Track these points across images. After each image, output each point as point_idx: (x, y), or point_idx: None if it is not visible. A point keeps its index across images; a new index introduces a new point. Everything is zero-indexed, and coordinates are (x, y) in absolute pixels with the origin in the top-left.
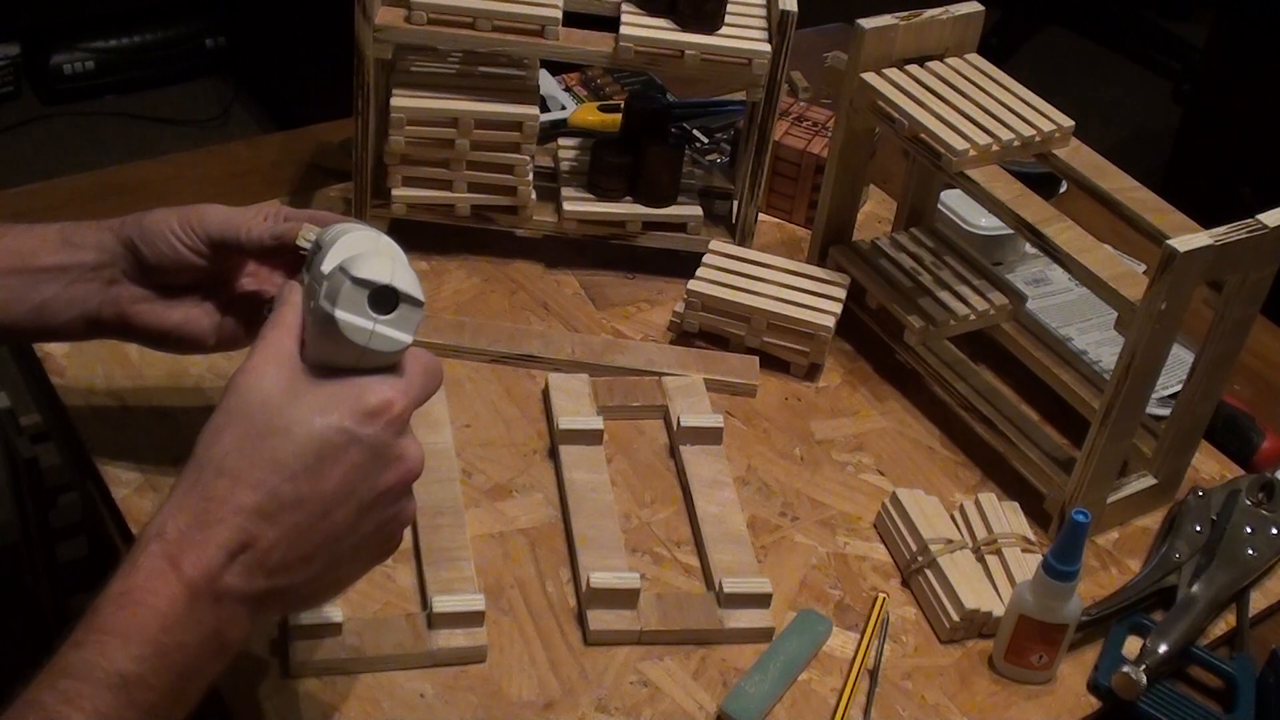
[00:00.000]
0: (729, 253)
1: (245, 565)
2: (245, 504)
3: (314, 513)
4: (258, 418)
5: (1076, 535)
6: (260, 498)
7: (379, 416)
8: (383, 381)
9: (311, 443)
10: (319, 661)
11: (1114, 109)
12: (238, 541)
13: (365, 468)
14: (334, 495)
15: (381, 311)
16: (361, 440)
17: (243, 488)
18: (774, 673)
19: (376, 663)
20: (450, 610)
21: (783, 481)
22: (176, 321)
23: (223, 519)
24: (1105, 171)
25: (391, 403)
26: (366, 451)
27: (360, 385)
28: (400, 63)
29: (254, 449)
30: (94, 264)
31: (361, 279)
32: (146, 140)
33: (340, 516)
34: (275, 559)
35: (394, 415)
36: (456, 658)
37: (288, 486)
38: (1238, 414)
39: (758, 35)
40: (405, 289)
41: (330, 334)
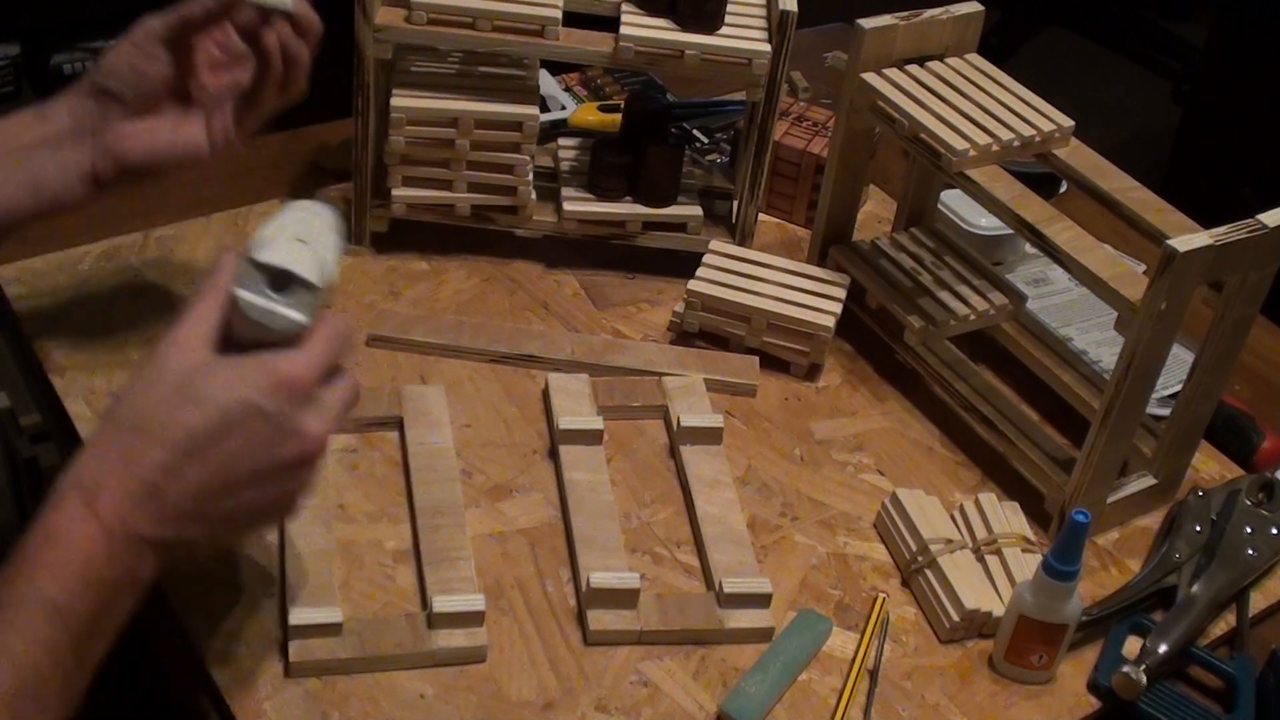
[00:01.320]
0: (729, 253)
1: (152, 514)
2: (155, 460)
3: (215, 473)
4: (175, 386)
5: (1076, 535)
6: (169, 455)
7: (282, 392)
8: (289, 358)
9: (219, 412)
10: (319, 661)
11: (1114, 109)
12: (146, 492)
13: (265, 438)
14: (235, 460)
15: (280, 293)
16: (265, 414)
17: (154, 445)
18: (774, 673)
19: (376, 663)
20: (450, 610)
21: (783, 481)
22: (168, 141)
23: (134, 471)
24: (1105, 171)
25: (296, 378)
26: (268, 424)
27: (268, 362)
28: (400, 63)
29: (168, 414)
30: (71, 126)
31: (260, 262)
32: None
33: (240, 480)
34: (179, 510)
35: (297, 390)
36: (456, 658)
37: (194, 449)
38: (1238, 414)
39: (758, 35)
40: (301, 274)
41: (237, 310)
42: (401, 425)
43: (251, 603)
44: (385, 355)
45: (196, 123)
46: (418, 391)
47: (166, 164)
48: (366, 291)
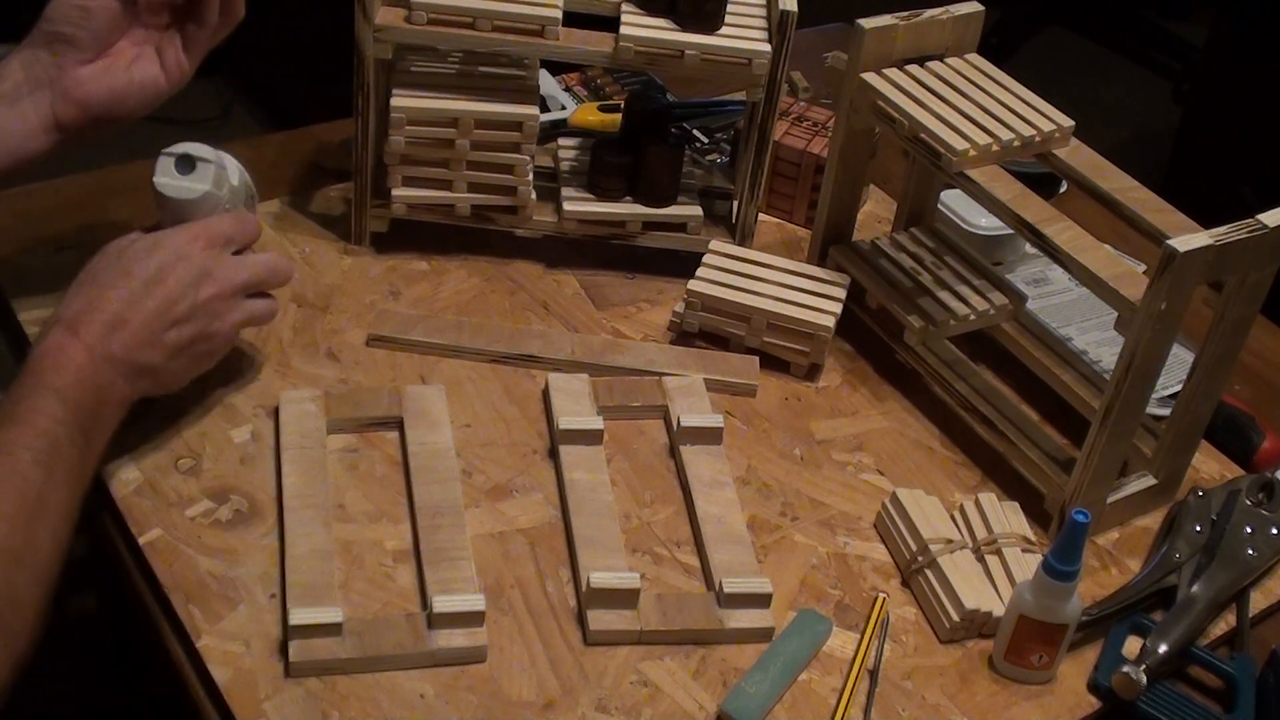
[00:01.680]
0: (729, 253)
1: (121, 339)
2: (116, 297)
3: (159, 307)
4: (125, 253)
5: (1076, 535)
6: (126, 294)
7: (197, 241)
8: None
9: (153, 260)
10: (319, 661)
11: (1114, 109)
12: (113, 320)
13: (188, 278)
14: (170, 296)
15: (185, 175)
16: (185, 257)
17: (110, 290)
18: (774, 673)
19: (376, 663)
20: (450, 610)
21: (783, 481)
22: (125, 78)
23: (100, 307)
24: (1105, 171)
25: (205, 229)
26: (190, 267)
27: (186, 225)
28: (400, 63)
29: (116, 267)
30: (24, 77)
31: (167, 151)
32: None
33: (176, 312)
34: (138, 336)
35: (206, 239)
36: (456, 658)
37: (142, 288)
38: (1238, 414)
39: (758, 35)
40: (197, 153)
41: (158, 198)
42: (401, 425)
43: (251, 603)
44: (385, 355)
45: (150, 58)
46: (418, 391)
47: (127, 103)
48: (366, 291)
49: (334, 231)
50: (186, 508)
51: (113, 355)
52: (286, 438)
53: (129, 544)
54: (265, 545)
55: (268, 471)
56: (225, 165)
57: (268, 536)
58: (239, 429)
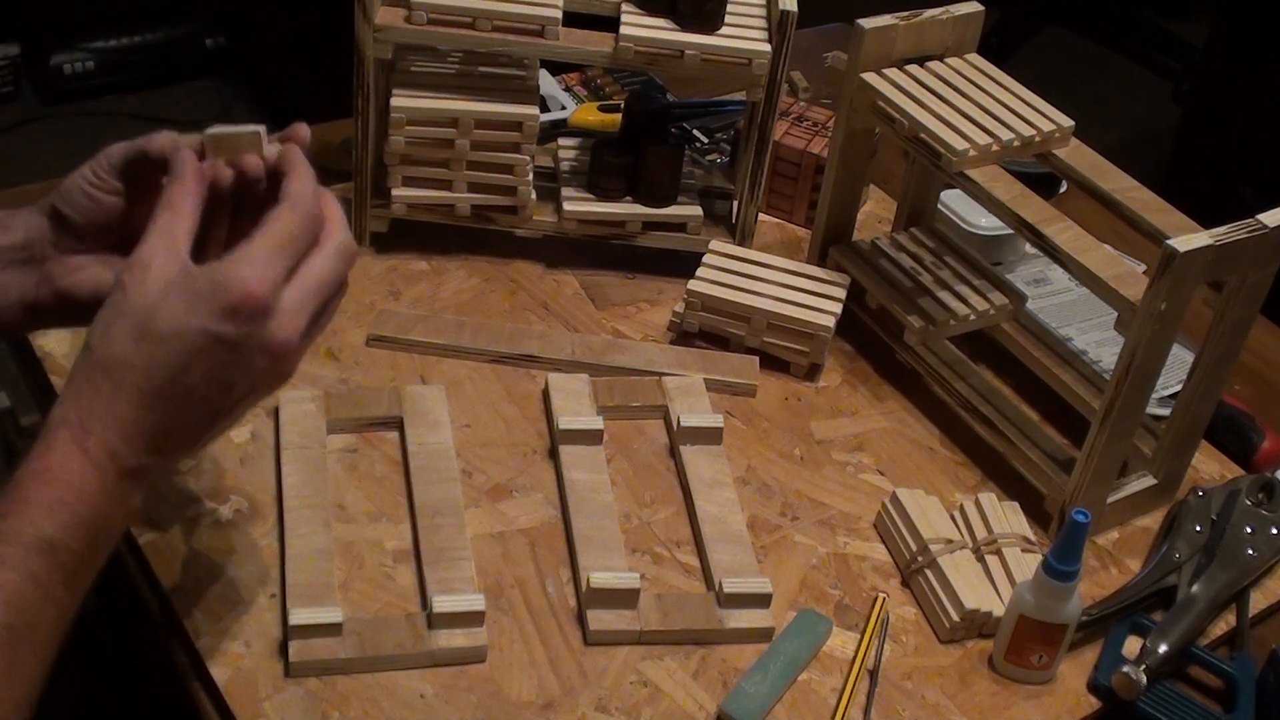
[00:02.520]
0: (729, 253)
1: (139, 447)
2: (132, 400)
3: (187, 402)
4: (139, 319)
5: (1076, 535)
6: (142, 395)
7: (238, 315)
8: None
9: (181, 345)
10: (319, 661)
11: (1114, 109)
12: (130, 429)
13: (232, 359)
14: (207, 384)
15: None
16: (224, 339)
17: (127, 387)
18: (774, 673)
19: (377, 663)
20: (450, 610)
21: (783, 481)
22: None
23: (115, 412)
24: (1105, 171)
25: (248, 297)
26: (228, 349)
27: (219, 282)
28: (400, 63)
29: (134, 354)
30: (23, 243)
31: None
32: None
33: (215, 400)
34: (163, 438)
35: (251, 309)
36: (456, 658)
37: (165, 384)
38: (1238, 414)
39: (758, 35)
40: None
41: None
42: (401, 425)
43: (251, 603)
44: (385, 355)
45: None
46: (418, 391)
47: None
48: (366, 291)
49: None
50: (186, 508)
51: (128, 469)
52: (286, 438)
53: (129, 544)
54: (265, 545)
55: (268, 471)
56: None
57: (268, 536)
58: (239, 429)
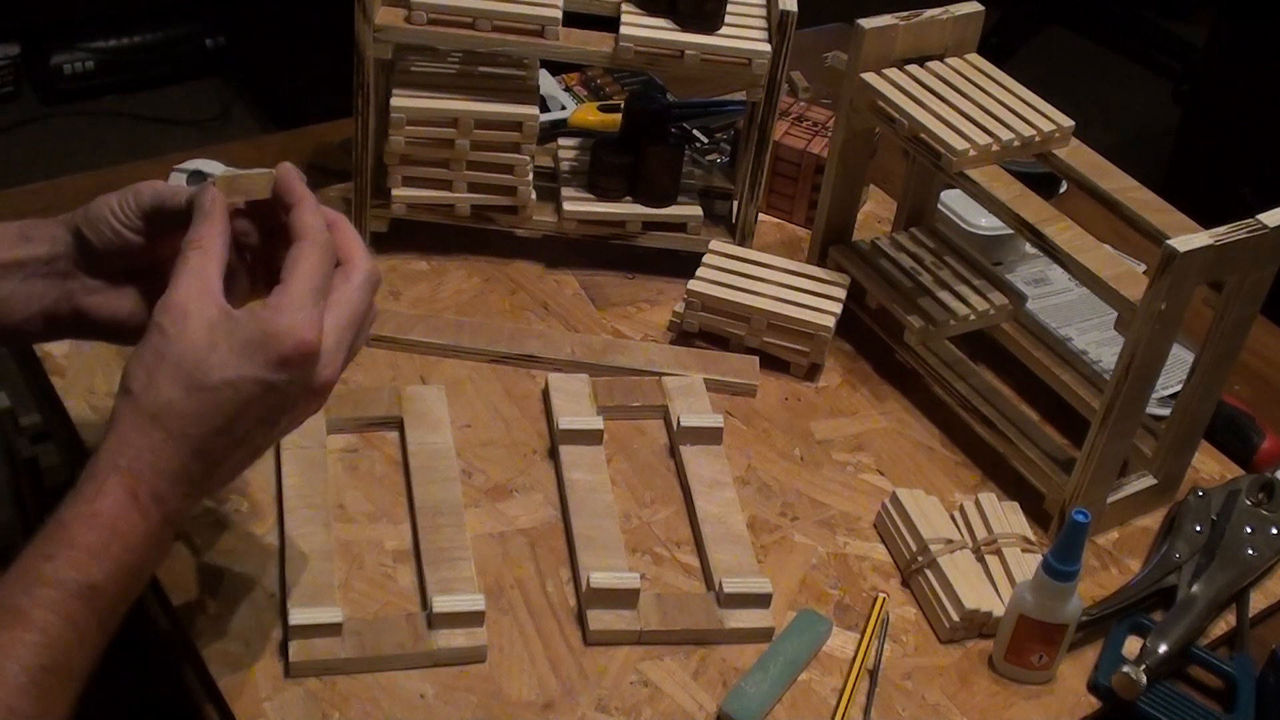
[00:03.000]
0: (729, 253)
1: (183, 493)
2: (183, 450)
3: (235, 445)
4: (188, 369)
5: (1076, 535)
6: (192, 444)
7: (291, 364)
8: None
9: (232, 395)
10: (319, 661)
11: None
12: (178, 476)
13: (277, 405)
14: (251, 430)
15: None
16: (276, 387)
17: (178, 437)
18: (774, 673)
19: (377, 663)
20: (450, 610)
21: (783, 481)
22: (130, 310)
23: (166, 462)
24: (1105, 171)
25: (301, 345)
26: (278, 394)
27: (270, 331)
28: (400, 63)
29: (186, 401)
30: (48, 257)
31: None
32: (146, 140)
33: (256, 441)
34: (204, 483)
35: (304, 357)
36: (457, 658)
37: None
38: (1238, 414)
39: (758, 35)
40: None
41: None
42: (401, 425)
43: (251, 603)
44: (385, 355)
45: None
46: (418, 392)
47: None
48: None
49: None
50: None
51: (173, 513)
52: (286, 438)
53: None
54: (265, 545)
55: (268, 471)
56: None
57: (268, 536)
58: None
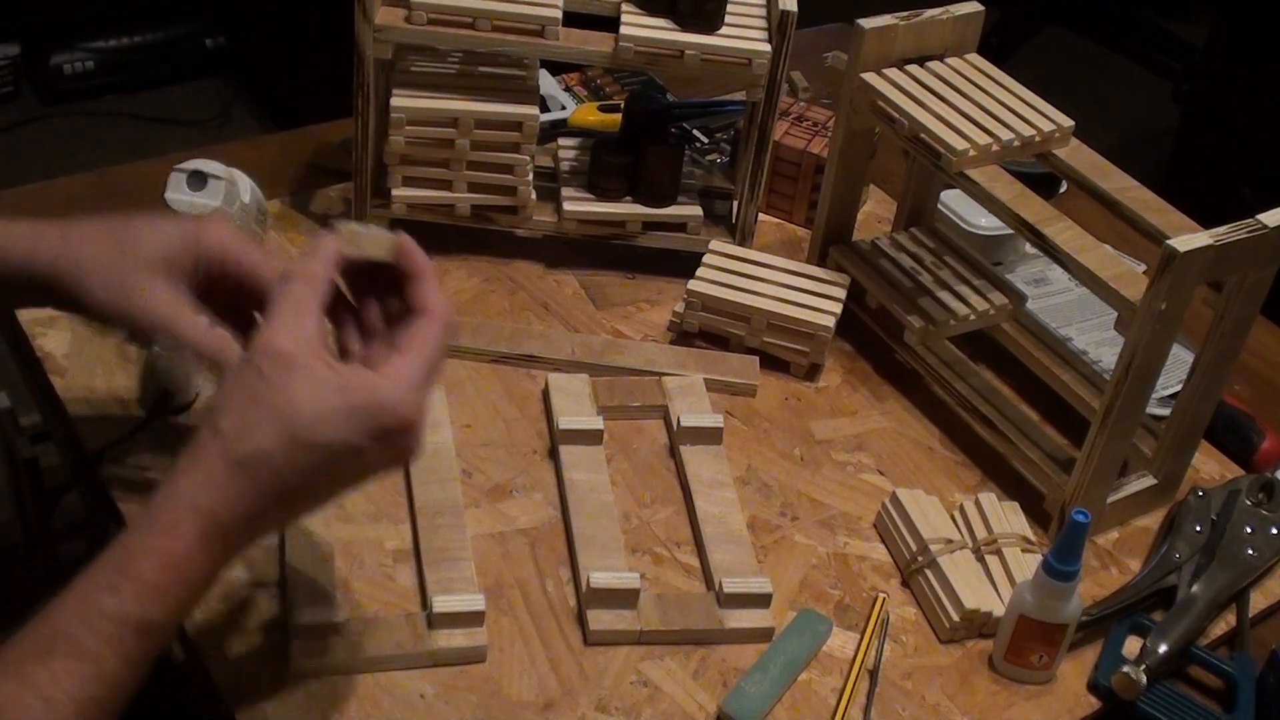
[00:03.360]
0: (729, 253)
1: (255, 538)
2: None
3: (315, 499)
4: (292, 423)
5: (1076, 535)
6: (278, 497)
7: (393, 434)
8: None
9: (330, 455)
10: (319, 662)
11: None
12: (256, 524)
13: (364, 466)
14: (333, 489)
15: (196, 188)
16: (369, 454)
17: (266, 489)
18: (774, 673)
19: (377, 663)
20: (450, 610)
21: (783, 481)
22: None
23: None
24: (1105, 171)
25: (407, 422)
26: (369, 462)
27: (385, 401)
28: (400, 63)
29: (282, 454)
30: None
31: (179, 167)
32: (146, 140)
33: (332, 495)
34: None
35: (408, 433)
36: (457, 658)
37: (301, 487)
38: (1238, 414)
39: (758, 35)
40: (209, 170)
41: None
42: None
43: (251, 603)
44: None
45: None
46: None
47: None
48: None
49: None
50: None
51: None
52: None
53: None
54: (265, 545)
55: None
56: (236, 181)
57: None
58: None
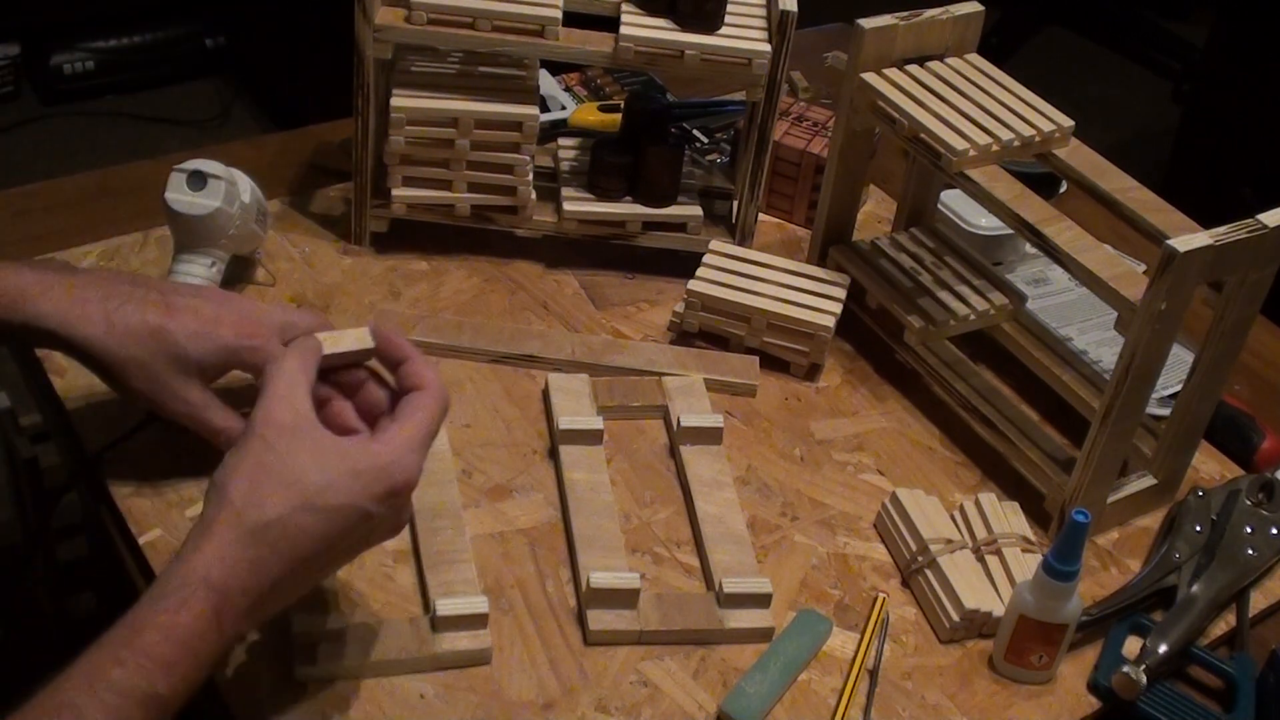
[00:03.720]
0: (729, 253)
1: (261, 615)
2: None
3: (322, 566)
4: (298, 487)
5: (1076, 535)
6: (291, 564)
7: (396, 496)
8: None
9: (339, 520)
10: (324, 668)
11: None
12: (264, 599)
13: (369, 530)
14: (339, 555)
15: (196, 188)
16: (372, 515)
17: (280, 559)
18: (774, 673)
19: (381, 667)
20: (454, 613)
21: (783, 481)
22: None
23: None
24: (1105, 171)
25: (409, 484)
26: (373, 525)
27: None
28: (400, 63)
29: (295, 521)
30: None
31: (179, 167)
32: (146, 140)
33: (337, 565)
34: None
35: (408, 492)
36: (462, 660)
37: (312, 555)
38: (1238, 414)
39: (758, 35)
40: (209, 169)
41: (172, 215)
42: None
43: None
44: None
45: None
46: None
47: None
48: (366, 292)
49: (334, 231)
50: (187, 508)
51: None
52: None
53: (129, 544)
54: None
55: None
56: (236, 181)
57: None
58: None
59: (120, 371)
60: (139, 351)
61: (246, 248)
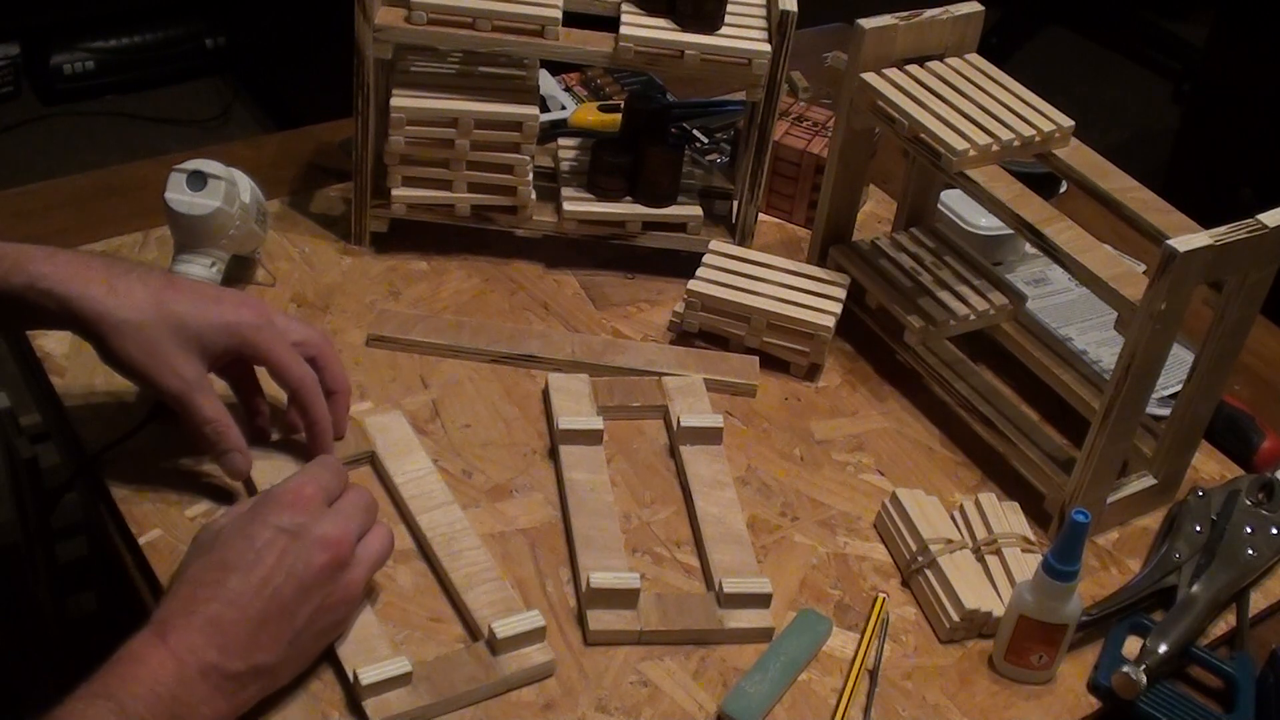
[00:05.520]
0: (729, 253)
1: (219, 644)
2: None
3: (263, 595)
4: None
5: (1076, 535)
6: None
7: (290, 508)
8: (285, 484)
9: (247, 540)
10: (399, 715)
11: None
12: (209, 624)
13: (294, 550)
14: (275, 577)
15: (196, 189)
16: (282, 528)
17: (203, 588)
18: (774, 673)
19: (453, 703)
20: (513, 633)
21: (783, 481)
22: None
23: (196, 608)
24: (1105, 171)
25: (295, 492)
26: (288, 537)
27: (271, 492)
28: (400, 63)
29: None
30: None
31: (179, 167)
32: (146, 140)
33: (287, 595)
34: (243, 637)
35: (301, 502)
36: (529, 678)
37: (239, 581)
38: (1238, 414)
39: (758, 35)
40: (209, 170)
41: (173, 215)
42: (374, 459)
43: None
44: (385, 355)
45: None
46: (379, 422)
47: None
48: (366, 291)
49: (334, 231)
50: (187, 508)
51: (209, 666)
52: None
53: (129, 544)
54: None
55: None
56: (236, 181)
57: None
58: None
59: (118, 336)
60: (139, 315)
61: (246, 248)
